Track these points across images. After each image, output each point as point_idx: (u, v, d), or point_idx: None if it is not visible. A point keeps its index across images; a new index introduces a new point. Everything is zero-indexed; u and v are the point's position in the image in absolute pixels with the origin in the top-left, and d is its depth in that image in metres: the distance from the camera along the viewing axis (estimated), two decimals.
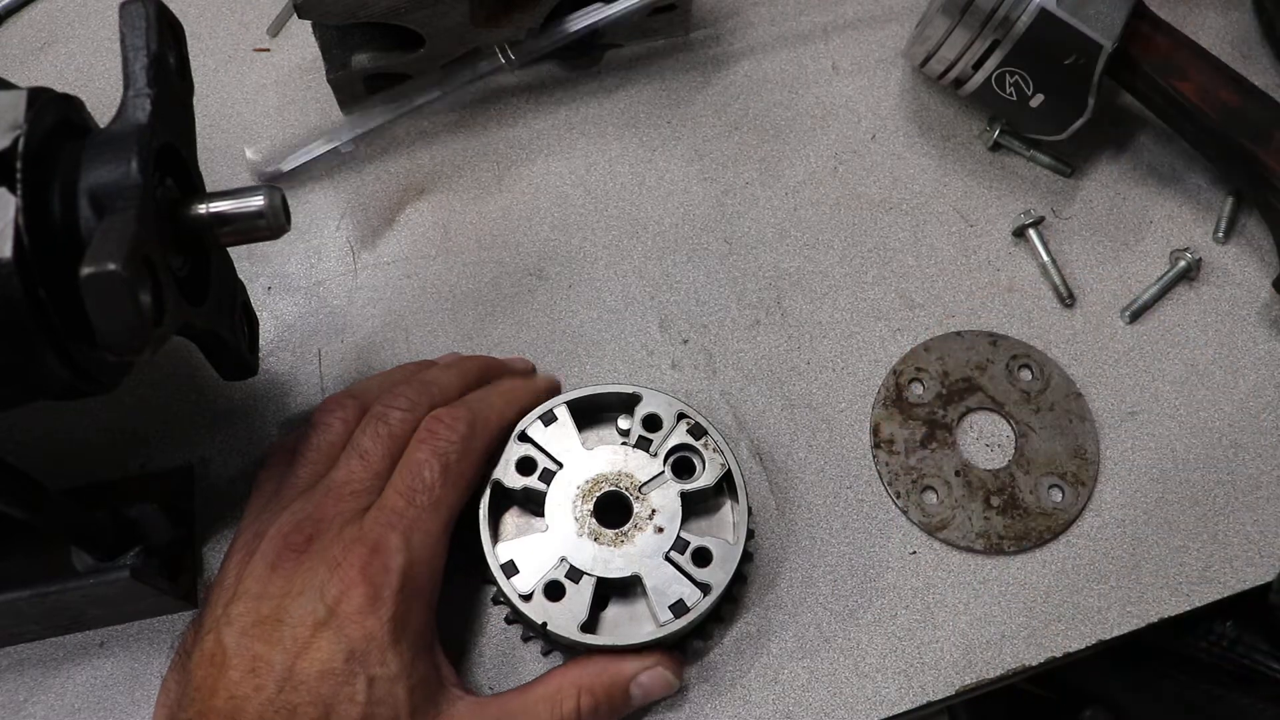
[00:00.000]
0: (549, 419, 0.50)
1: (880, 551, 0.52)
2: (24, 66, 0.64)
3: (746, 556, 0.49)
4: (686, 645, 0.49)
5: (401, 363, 0.56)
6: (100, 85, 0.63)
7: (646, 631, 0.46)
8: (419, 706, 0.42)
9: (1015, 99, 0.57)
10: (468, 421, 0.46)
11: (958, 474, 0.53)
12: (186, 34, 0.43)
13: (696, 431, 0.49)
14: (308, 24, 0.58)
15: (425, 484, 0.45)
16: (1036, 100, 0.57)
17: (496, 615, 0.50)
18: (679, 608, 0.46)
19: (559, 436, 0.49)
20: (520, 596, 0.46)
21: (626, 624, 0.48)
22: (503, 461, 0.49)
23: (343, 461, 0.46)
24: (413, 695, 0.41)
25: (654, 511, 0.48)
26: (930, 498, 0.53)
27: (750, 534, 0.49)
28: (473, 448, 0.46)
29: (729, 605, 0.50)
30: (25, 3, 0.66)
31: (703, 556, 0.47)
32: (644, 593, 0.47)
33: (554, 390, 0.53)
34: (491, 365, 0.54)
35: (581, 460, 0.49)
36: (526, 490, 0.48)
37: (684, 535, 0.47)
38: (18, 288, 0.34)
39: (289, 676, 0.39)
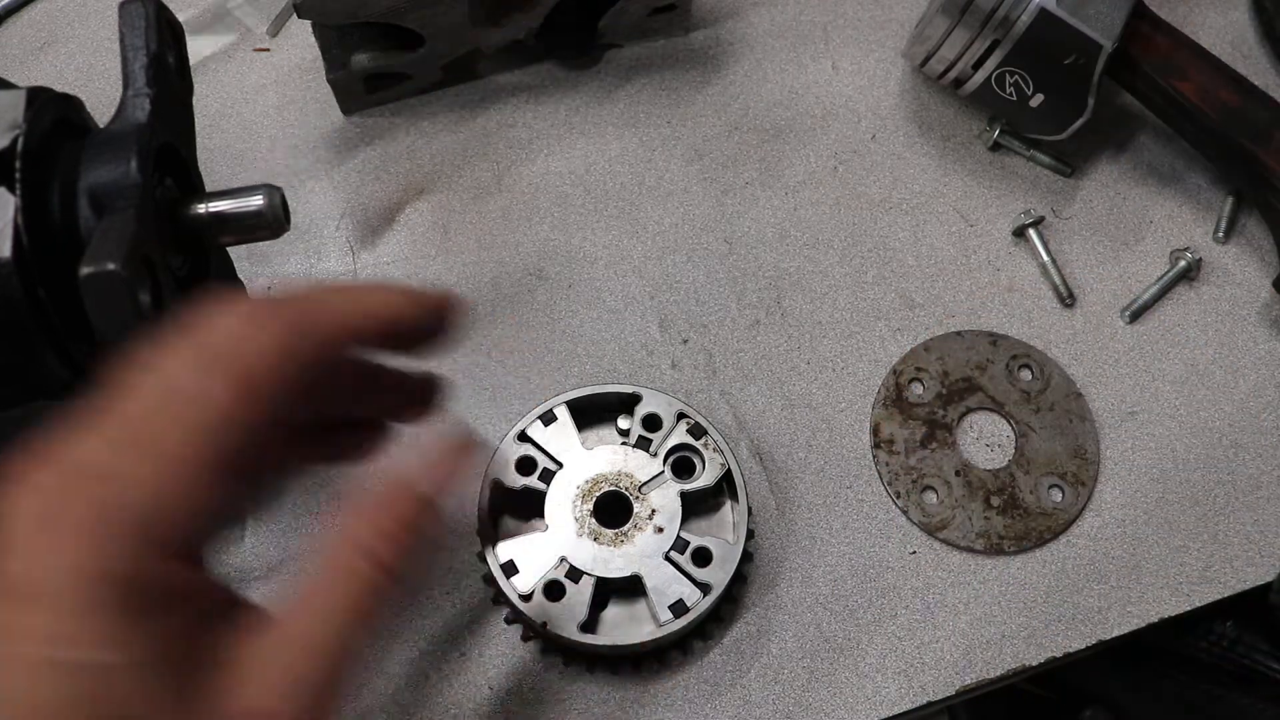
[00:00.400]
0: (549, 419, 0.50)
1: (880, 551, 0.52)
2: (24, 66, 0.64)
3: (746, 556, 0.49)
4: (687, 645, 0.49)
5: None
6: (100, 85, 0.63)
7: (646, 631, 0.46)
8: (155, 696, 0.27)
9: (1015, 99, 0.57)
10: (262, 320, 0.31)
11: (958, 474, 0.53)
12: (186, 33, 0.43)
13: (696, 431, 0.49)
14: (308, 24, 0.58)
15: (183, 392, 0.29)
16: (1036, 100, 0.57)
17: (496, 615, 0.50)
18: (679, 608, 0.46)
19: (559, 436, 0.49)
20: (520, 596, 0.46)
21: (626, 624, 0.48)
22: (503, 461, 0.49)
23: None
24: (142, 683, 0.27)
25: (654, 511, 0.48)
26: (930, 498, 0.53)
27: (750, 534, 0.49)
28: (266, 348, 0.31)
29: (729, 605, 0.50)
30: (25, 3, 0.66)
31: (703, 556, 0.47)
32: (644, 593, 0.47)
33: (437, 309, 0.36)
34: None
35: (581, 460, 0.49)
36: (526, 490, 0.48)
37: (684, 535, 0.47)
38: (17, 287, 0.34)
39: None
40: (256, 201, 0.40)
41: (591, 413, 0.51)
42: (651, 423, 0.50)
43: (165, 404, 0.29)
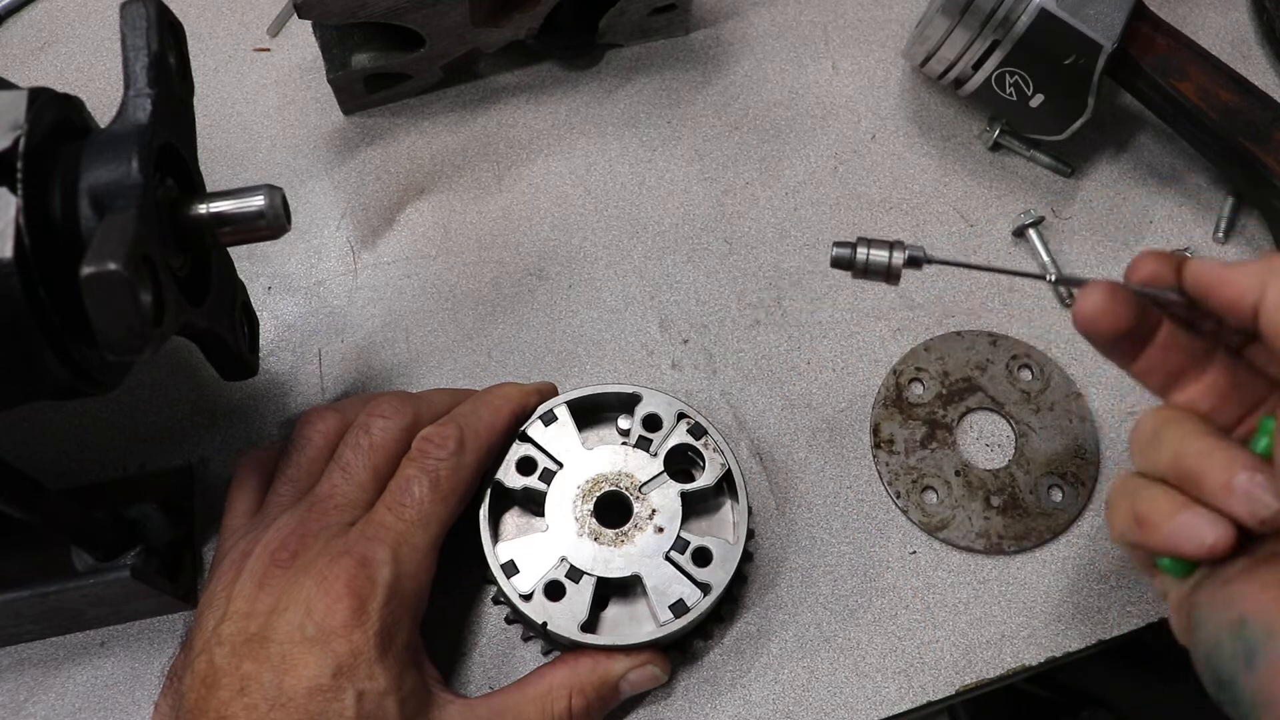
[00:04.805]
0: (549, 419, 0.50)
1: (880, 551, 0.52)
2: (24, 66, 0.64)
3: (746, 556, 0.49)
4: (687, 645, 0.49)
5: (401, 361, 0.56)
6: (100, 85, 0.63)
7: (646, 631, 0.46)
8: (410, 718, 0.42)
9: (1015, 99, 0.57)
10: (456, 438, 0.46)
11: (958, 474, 0.54)
12: (186, 34, 0.43)
13: (696, 431, 0.49)
14: (308, 24, 0.58)
15: (413, 499, 0.44)
16: (1036, 100, 0.57)
17: (496, 615, 0.50)
18: (679, 607, 0.46)
19: (559, 436, 0.49)
20: (520, 596, 0.46)
21: (626, 624, 0.48)
22: (503, 461, 0.49)
23: (325, 475, 0.46)
24: (403, 708, 0.41)
25: (654, 511, 0.48)
26: (930, 498, 0.53)
27: (750, 534, 0.49)
28: (462, 463, 0.46)
29: (729, 605, 0.50)
30: (25, 3, 0.66)
31: (703, 556, 0.47)
32: (644, 592, 0.47)
33: (546, 394, 0.51)
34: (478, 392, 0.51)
35: (581, 460, 0.49)
36: (526, 490, 0.49)
37: (684, 535, 0.47)
38: (17, 288, 0.34)
39: (278, 694, 0.39)
40: (257, 201, 0.40)
41: (591, 413, 0.51)
42: (651, 423, 0.50)
43: (416, 521, 0.44)
